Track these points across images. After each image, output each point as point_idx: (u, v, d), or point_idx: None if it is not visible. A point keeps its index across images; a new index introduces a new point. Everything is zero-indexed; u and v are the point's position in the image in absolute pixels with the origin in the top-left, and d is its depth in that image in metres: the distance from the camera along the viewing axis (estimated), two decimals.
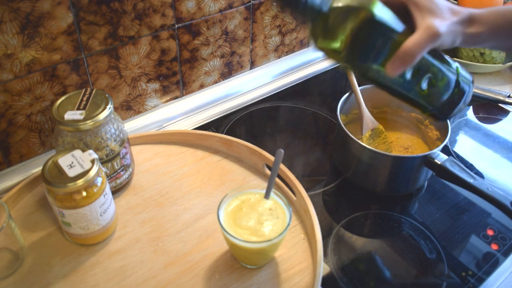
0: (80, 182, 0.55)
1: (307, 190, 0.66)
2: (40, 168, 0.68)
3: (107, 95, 0.64)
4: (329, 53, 0.46)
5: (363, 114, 0.79)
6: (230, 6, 0.84)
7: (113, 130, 0.63)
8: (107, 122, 0.62)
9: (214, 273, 0.59)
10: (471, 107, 0.96)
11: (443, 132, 0.74)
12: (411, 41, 0.43)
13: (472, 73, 0.55)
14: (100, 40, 0.71)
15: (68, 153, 0.58)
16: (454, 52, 1.01)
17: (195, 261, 0.61)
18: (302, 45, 1.03)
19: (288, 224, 0.55)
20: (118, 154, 0.65)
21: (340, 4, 0.44)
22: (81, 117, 0.60)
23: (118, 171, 0.66)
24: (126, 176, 0.68)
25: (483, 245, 0.67)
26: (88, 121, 0.60)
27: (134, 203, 0.68)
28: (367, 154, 0.71)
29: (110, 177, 0.65)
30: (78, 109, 0.61)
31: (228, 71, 0.93)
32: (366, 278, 0.62)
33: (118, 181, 0.67)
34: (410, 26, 0.46)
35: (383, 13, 0.44)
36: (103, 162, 0.63)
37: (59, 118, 0.60)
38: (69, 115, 0.60)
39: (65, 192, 0.55)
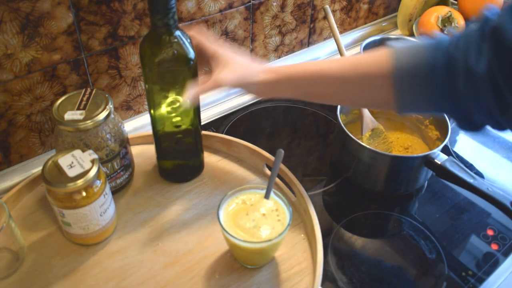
0: (80, 182, 0.55)
1: (307, 190, 0.67)
2: (40, 168, 0.68)
3: (107, 95, 0.64)
4: None
5: (363, 114, 0.79)
6: (230, 6, 0.84)
7: (113, 130, 0.63)
8: (107, 122, 0.62)
9: (214, 273, 0.59)
10: None
11: (443, 132, 0.74)
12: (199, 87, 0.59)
13: None
14: (100, 40, 0.71)
15: (68, 153, 0.58)
16: None
17: (195, 261, 0.61)
18: (302, 45, 1.03)
19: (288, 224, 0.55)
20: (118, 154, 0.65)
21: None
22: (81, 117, 0.60)
23: (118, 171, 0.66)
24: (126, 176, 0.68)
25: (483, 245, 0.67)
26: (88, 121, 0.59)
27: (134, 203, 0.68)
28: (367, 154, 0.71)
29: (110, 177, 0.65)
30: (78, 109, 0.61)
31: None
32: (366, 278, 0.62)
33: (118, 181, 0.67)
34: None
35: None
36: (103, 162, 0.63)
37: (59, 118, 0.60)
38: (69, 115, 0.60)
39: (65, 192, 0.55)
